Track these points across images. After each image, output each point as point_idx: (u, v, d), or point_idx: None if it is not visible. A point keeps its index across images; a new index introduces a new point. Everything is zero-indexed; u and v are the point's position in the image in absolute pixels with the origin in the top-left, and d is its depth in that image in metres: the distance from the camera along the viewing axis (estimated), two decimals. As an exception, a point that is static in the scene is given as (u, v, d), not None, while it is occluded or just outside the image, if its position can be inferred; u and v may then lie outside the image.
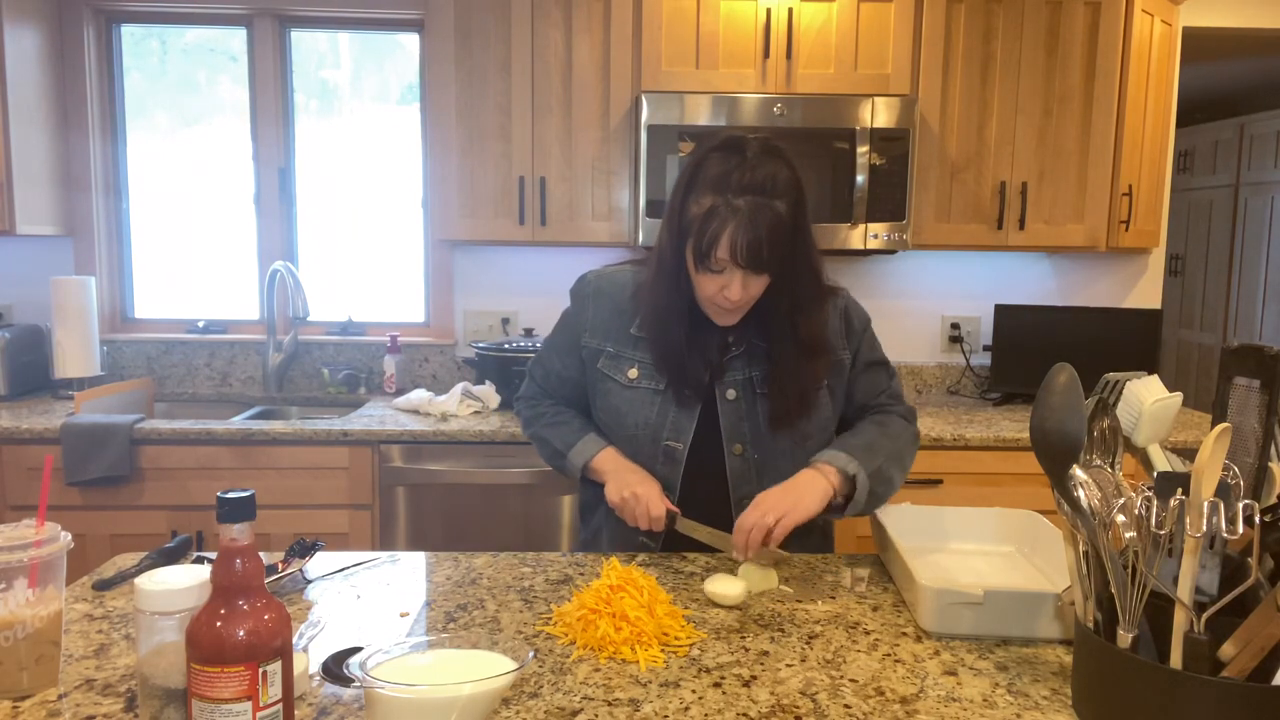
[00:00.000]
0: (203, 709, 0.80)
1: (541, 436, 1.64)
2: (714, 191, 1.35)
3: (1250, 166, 5.08)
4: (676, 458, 1.51)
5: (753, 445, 1.50)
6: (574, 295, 1.62)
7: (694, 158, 1.41)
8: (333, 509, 2.58)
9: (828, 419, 1.54)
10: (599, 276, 1.60)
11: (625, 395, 1.53)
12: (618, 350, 1.55)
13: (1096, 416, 1.04)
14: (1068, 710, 1.01)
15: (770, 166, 1.35)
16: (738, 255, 1.33)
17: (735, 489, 1.52)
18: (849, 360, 1.56)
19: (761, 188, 1.33)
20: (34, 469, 2.51)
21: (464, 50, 2.80)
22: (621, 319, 1.55)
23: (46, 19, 2.99)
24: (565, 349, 1.61)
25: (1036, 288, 3.31)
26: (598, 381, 1.57)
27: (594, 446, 1.56)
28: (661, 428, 1.51)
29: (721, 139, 1.40)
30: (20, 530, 1.01)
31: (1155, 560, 0.91)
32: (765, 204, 1.33)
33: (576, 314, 1.60)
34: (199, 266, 3.30)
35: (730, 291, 1.38)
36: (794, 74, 2.80)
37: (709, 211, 1.35)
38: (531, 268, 3.23)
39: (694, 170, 1.40)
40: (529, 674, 1.07)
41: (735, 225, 1.33)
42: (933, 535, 1.52)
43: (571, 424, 1.61)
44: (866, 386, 1.59)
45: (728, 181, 1.34)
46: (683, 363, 1.48)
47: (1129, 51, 2.87)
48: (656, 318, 1.48)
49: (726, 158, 1.37)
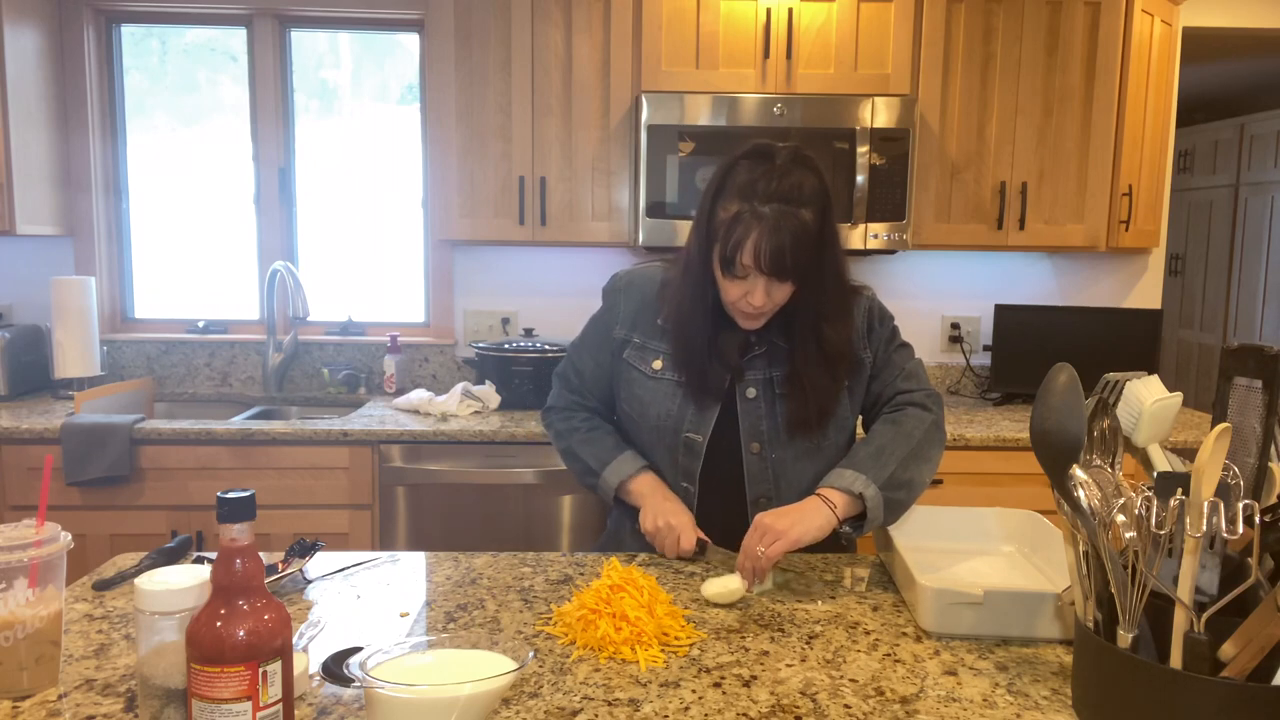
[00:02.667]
0: (203, 709, 0.80)
1: (574, 452, 1.62)
2: (741, 198, 1.37)
3: (1250, 166, 5.08)
4: (696, 450, 1.52)
5: (770, 445, 1.51)
6: (606, 293, 1.63)
7: (724, 163, 1.42)
8: (333, 509, 2.58)
9: (846, 418, 1.54)
10: (630, 272, 1.62)
11: (649, 386, 1.54)
12: (644, 341, 1.56)
13: (1096, 416, 1.04)
14: (1068, 710, 1.01)
15: (798, 175, 1.36)
16: (761, 262, 1.35)
17: (751, 487, 1.53)
18: (869, 360, 1.55)
19: (788, 196, 1.35)
20: (34, 469, 2.51)
21: (464, 50, 2.80)
22: (650, 311, 1.56)
23: (46, 19, 2.99)
24: (597, 345, 1.62)
25: (1036, 288, 3.31)
26: (623, 371, 1.58)
27: (630, 467, 1.55)
28: (683, 420, 1.52)
29: (752, 146, 1.41)
30: (20, 530, 1.01)
31: (1155, 560, 0.91)
32: (791, 212, 1.34)
33: (608, 309, 1.61)
34: (199, 266, 3.30)
35: (754, 298, 1.39)
36: (794, 74, 2.79)
37: (735, 217, 1.36)
38: (531, 268, 3.23)
39: (723, 176, 1.41)
40: (529, 674, 1.07)
41: (760, 232, 1.34)
42: (933, 535, 1.52)
43: (605, 441, 1.60)
44: (885, 375, 1.57)
45: (755, 188, 1.35)
46: (704, 366, 1.49)
47: (1129, 51, 2.87)
48: (680, 318, 1.50)
49: (755, 165, 1.38)
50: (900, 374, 1.57)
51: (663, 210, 2.74)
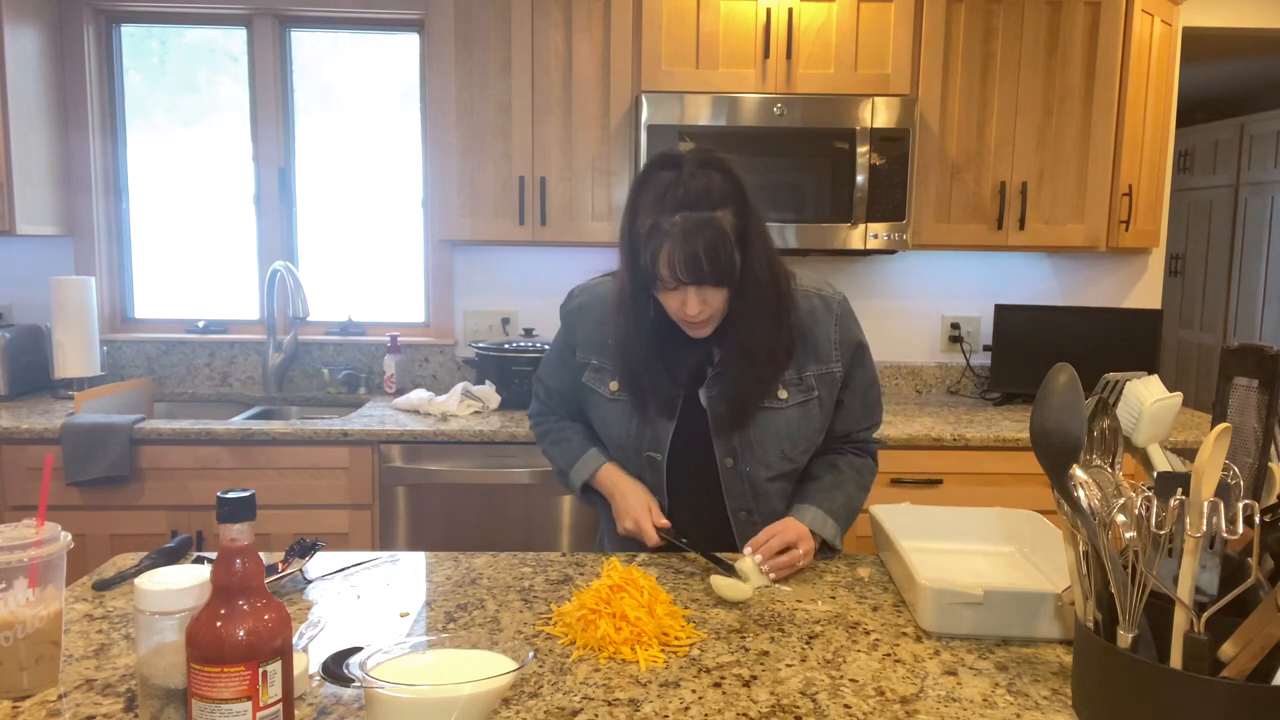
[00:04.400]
0: (203, 709, 0.80)
1: (548, 454, 1.67)
2: (654, 211, 1.35)
3: (1250, 166, 5.08)
4: (658, 467, 1.53)
5: (743, 459, 1.51)
6: (562, 312, 1.62)
7: (637, 178, 1.41)
8: (333, 509, 2.58)
9: (816, 430, 1.53)
10: (583, 291, 1.60)
11: (609, 407, 1.54)
12: (600, 363, 1.55)
13: (1096, 416, 1.04)
14: (1068, 710, 1.01)
15: (704, 178, 1.33)
16: (678, 272, 1.33)
17: (730, 500, 1.53)
18: (840, 373, 1.53)
19: (697, 201, 1.32)
20: (34, 469, 2.51)
21: (464, 50, 2.80)
22: (603, 331, 1.54)
23: (46, 19, 2.99)
24: (560, 366, 1.62)
25: (1036, 288, 3.31)
26: (587, 394, 1.58)
27: (592, 464, 1.58)
28: (642, 439, 1.52)
29: (659, 156, 1.40)
30: (20, 530, 1.01)
31: (1155, 560, 0.91)
32: (703, 218, 1.32)
33: (566, 330, 1.61)
34: (199, 266, 3.29)
35: (688, 307, 1.37)
36: (794, 74, 2.79)
37: (650, 231, 1.35)
38: (531, 268, 3.23)
39: (637, 191, 1.39)
40: (529, 674, 1.08)
41: (672, 242, 1.32)
42: (933, 535, 1.52)
43: (571, 441, 1.63)
44: (854, 417, 1.58)
45: (664, 200, 1.33)
46: (644, 382, 1.47)
47: (1129, 51, 2.87)
48: (620, 339, 1.48)
49: (664, 175, 1.36)
50: (862, 403, 1.58)
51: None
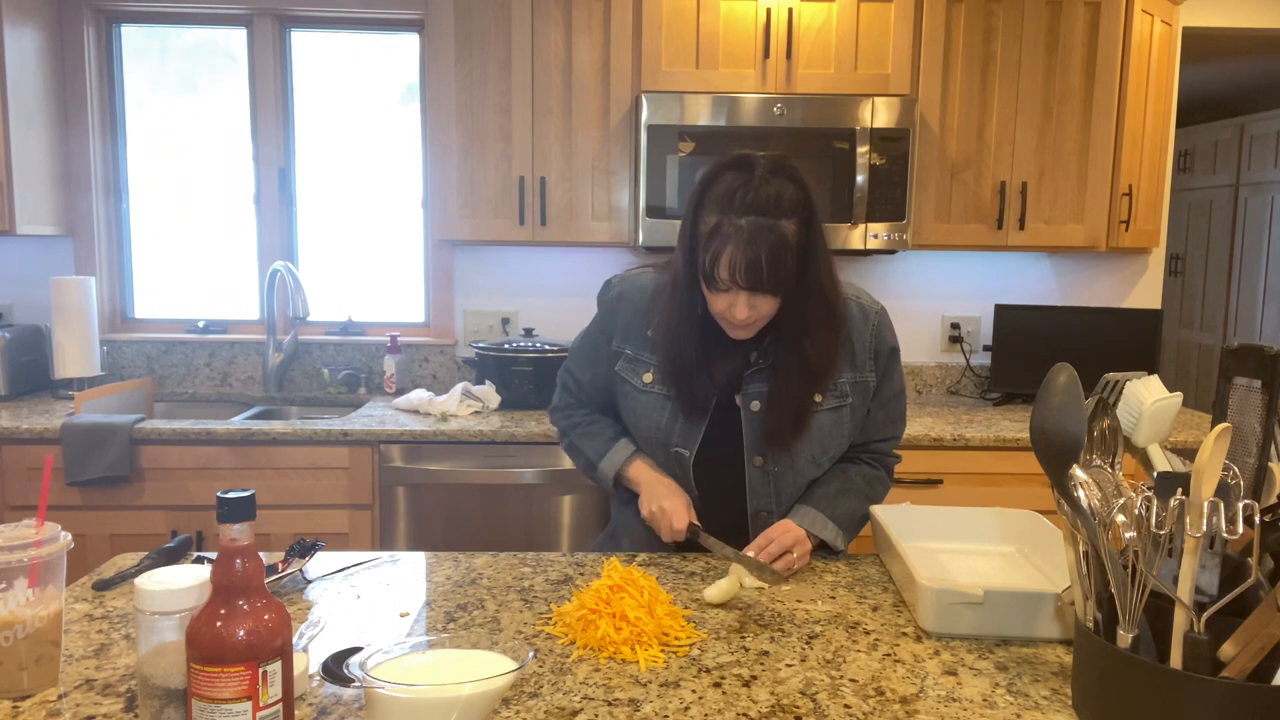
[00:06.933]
0: (203, 709, 0.80)
1: (576, 447, 1.65)
2: (719, 210, 1.34)
3: (1250, 166, 5.08)
4: (685, 463, 1.52)
5: (773, 459, 1.51)
6: (600, 301, 1.61)
7: (706, 174, 1.40)
8: (333, 509, 2.57)
9: (846, 436, 1.54)
10: (622, 280, 1.60)
11: (640, 399, 1.54)
12: (635, 354, 1.55)
13: (1096, 416, 1.04)
14: (1068, 710, 1.01)
15: (776, 185, 1.33)
16: (737, 276, 1.32)
17: (752, 500, 1.53)
18: (873, 382, 1.54)
19: (766, 208, 1.32)
20: (34, 469, 2.51)
21: (464, 50, 2.80)
22: (640, 322, 1.54)
23: (46, 19, 2.99)
24: (594, 357, 1.60)
25: (1036, 288, 3.31)
26: (618, 384, 1.57)
27: (623, 454, 1.57)
28: (671, 433, 1.51)
29: (733, 156, 1.39)
30: (20, 530, 1.00)
31: (1155, 560, 0.91)
32: (769, 224, 1.32)
33: (603, 319, 1.60)
34: (199, 266, 3.29)
35: (737, 310, 1.37)
36: (794, 74, 2.79)
37: (713, 230, 1.34)
38: (531, 268, 3.23)
39: (704, 187, 1.39)
40: (529, 674, 1.07)
41: (735, 245, 1.32)
42: (933, 535, 1.52)
43: (604, 433, 1.61)
44: (875, 426, 1.58)
45: (732, 200, 1.33)
46: (690, 378, 1.47)
47: (1129, 51, 2.87)
48: (667, 332, 1.48)
49: (735, 176, 1.35)
50: (885, 414, 1.58)
51: (662, 210, 2.74)
